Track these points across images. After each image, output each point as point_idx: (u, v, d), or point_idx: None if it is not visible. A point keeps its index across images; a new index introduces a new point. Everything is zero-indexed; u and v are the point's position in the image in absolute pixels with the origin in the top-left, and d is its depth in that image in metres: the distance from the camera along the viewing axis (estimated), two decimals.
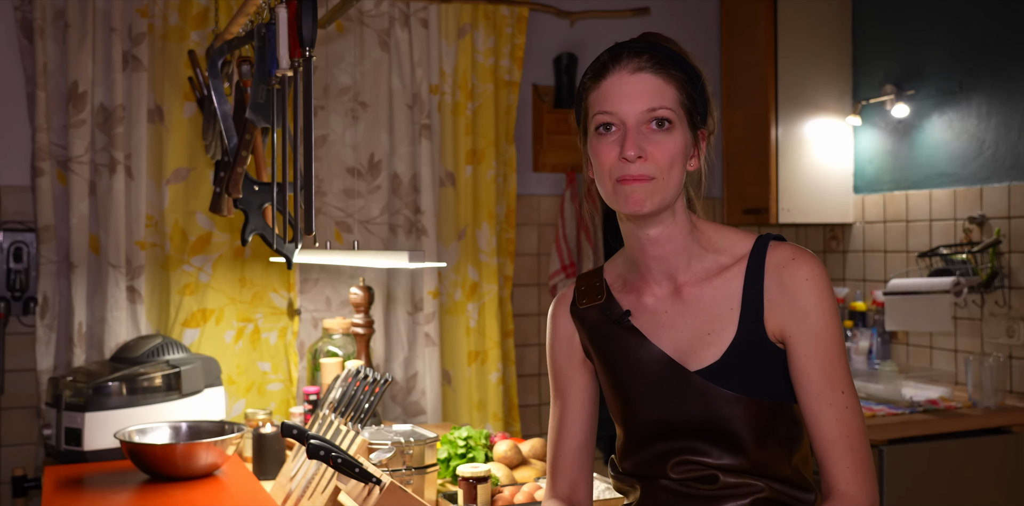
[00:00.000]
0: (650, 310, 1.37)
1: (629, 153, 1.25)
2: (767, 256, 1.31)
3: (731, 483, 1.30)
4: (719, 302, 1.32)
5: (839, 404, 1.27)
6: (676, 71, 1.29)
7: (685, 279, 1.35)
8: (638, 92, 1.27)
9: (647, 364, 1.34)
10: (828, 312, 1.28)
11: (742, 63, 3.68)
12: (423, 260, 1.86)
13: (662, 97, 1.27)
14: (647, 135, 1.27)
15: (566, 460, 1.47)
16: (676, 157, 1.28)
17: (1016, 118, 3.04)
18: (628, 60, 1.29)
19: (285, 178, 1.93)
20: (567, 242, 3.49)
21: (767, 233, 1.36)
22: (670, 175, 1.28)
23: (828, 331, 1.28)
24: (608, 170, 1.29)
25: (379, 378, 1.92)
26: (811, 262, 1.30)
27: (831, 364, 1.28)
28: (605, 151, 1.29)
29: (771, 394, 1.30)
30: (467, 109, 3.30)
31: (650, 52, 1.29)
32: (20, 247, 2.84)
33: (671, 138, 1.28)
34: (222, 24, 2.84)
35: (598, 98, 1.30)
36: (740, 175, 3.69)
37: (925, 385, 3.07)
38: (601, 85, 1.30)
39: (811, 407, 1.28)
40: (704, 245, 1.36)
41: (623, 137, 1.27)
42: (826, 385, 1.27)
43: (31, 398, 2.85)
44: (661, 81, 1.28)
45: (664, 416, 1.33)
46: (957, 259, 3.17)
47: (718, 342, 1.31)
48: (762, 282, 1.30)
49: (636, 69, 1.28)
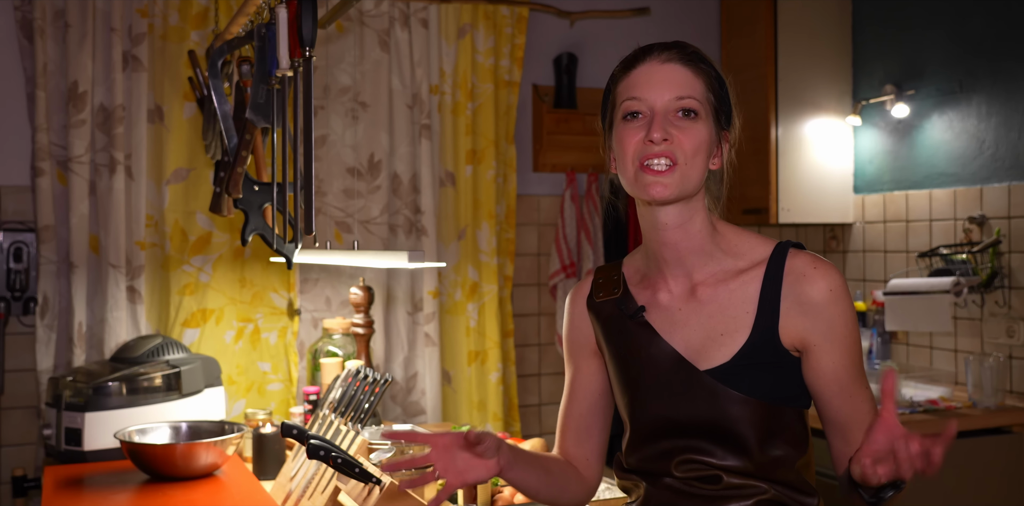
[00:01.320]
0: (664, 307, 1.37)
1: (655, 135, 1.27)
2: (786, 263, 1.32)
3: (735, 484, 1.31)
4: (734, 304, 1.33)
5: (869, 400, 1.33)
6: (705, 66, 1.33)
7: (701, 279, 1.36)
8: (668, 80, 1.30)
9: (658, 361, 1.35)
10: (852, 321, 1.32)
11: (742, 63, 3.68)
12: (423, 260, 1.86)
13: (691, 87, 1.30)
14: (673, 122, 1.29)
15: (571, 422, 1.49)
16: (700, 146, 1.30)
17: (1016, 118, 3.04)
18: (659, 52, 1.32)
19: (285, 178, 1.93)
20: (567, 242, 3.49)
21: (787, 240, 1.37)
22: (693, 162, 1.29)
23: (852, 337, 1.32)
24: (632, 153, 1.30)
25: (379, 378, 1.92)
26: (832, 273, 1.31)
27: (858, 367, 1.33)
28: (630, 135, 1.30)
29: (779, 398, 1.31)
30: (467, 109, 3.30)
31: (680, 48, 1.33)
32: (20, 247, 2.84)
33: (696, 127, 1.30)
34: (222, 24, 2.84)
35: (627, 86, 1.32)
36: (740, 175, 3.66)
37: (925, 385, 3.07)
38: (631, 74, 1.33)
39: (844, 408, 1.31)
40: (723, 247, 1.37)
41: (650, 122, 1.29)
42: (856, 386, 1.32)
43: (31, 398, 2.85)
44: (690, 73, 1.31)
45: (671, 413, 1.34)
46: (957, 259, 3.17)
47: (730, 343, 1.31)
48: (780, 289, 1.31)
49: (666, 59, 1.31)
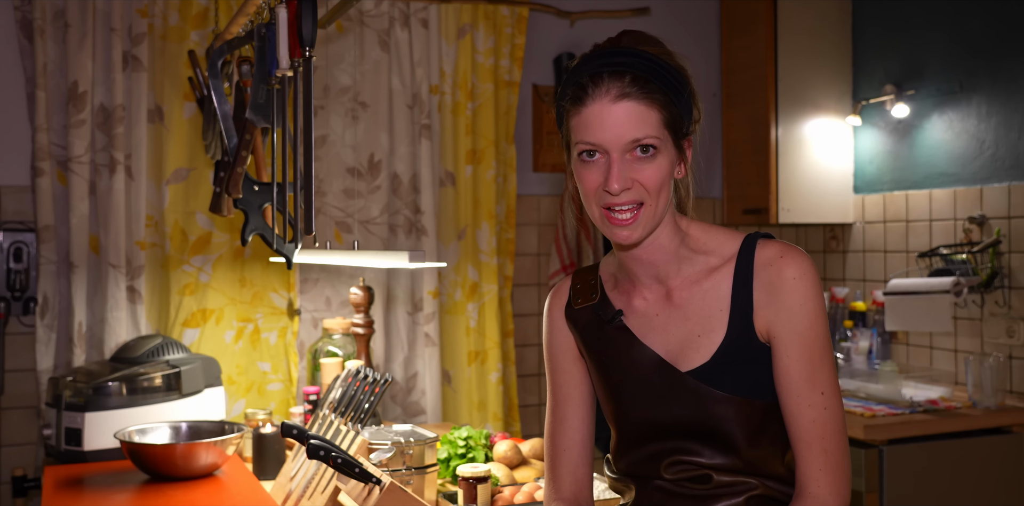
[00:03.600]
0: (640, 312, 1.37)
1: (614, 186, 1.24)
2: (755, 255, 1.30)
3: (725, 482, 1.30)
4: (709, 304, 1.32)
5: (817, 405, 1.26)
6: (659, 93, 1.24)
7: (675, 283, 1.35)
8: (621, 122, 1.23)
9: (639, 364, 1.34)
10: (813, 311, 1.27)
11: (742, 63, 3.68)
12: (423, 260, 1.86)
13: (646, 125, 1.23)
14: (631, 163, 1.25)
15: (568, 456, 1.46)
16: (664, 181, 1.26)
17: (1016, 118, 3.04)
18: (610, 84, 1.23)
19: (285, 178, 1.93)
20: (567, 242, 3.49)
21: (755, 232, 1.35)
22: (659, 198, 1.27)
23: (813, 331, 1.27)
24: (594, 196, 1.28)
25: (379, 378, 1.92)
26: (798, 260, 1.28)
27: (813, 365, 1.26)
28: (590, 178, 1.27)
29: (763, 394, 1.30)
30: (467, 109, 3.30)
31: (632, 71, 1.23)
32: (20, 247, 2.84)
33: (656, 164, 1.25)
34: (222, 24, 2.84)
35: (579, 125, 1.26)
36: (740, 175, 3.69)
37: (925, 385, 3.07)
38: (582, 112, 1.25)
39: (789, 407, 1.27)
40: (693, 248, 1.35)
41: (607, 167, 1.25)
42: (806, 386, 1.26)
43: (31, 398, 2.85)
44: (644, 107, 1.23)
45: (656, 416, 1.33)
46: (957, 259, 3.17)
47: (708, 344, 1.30)
48: (751, 282, 1.29)
49: (618, 96, 1.23)
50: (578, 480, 1.46)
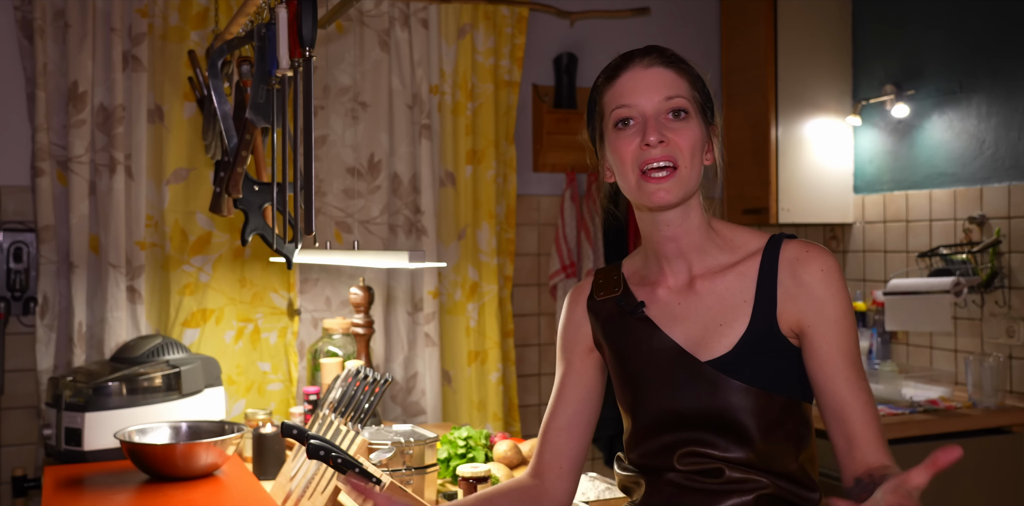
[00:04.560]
0: (663, 302, 1.39)
1: (651, 138, 1.29)
2: (781, 252, 1.34)
3: (736, 478, 1.31)
4: (732, 295, 1.34)
5: (866, 389, 1.30)
6: (687, 72, 1.35)
7: (699, 273, 1.38)
8: (654, 84, 1.32)
9: (659, 354, 1.36)
10: (845, 302, 1.31)
11: (742, 63, 3.68)
12: (423, 260, 1.86)
13: (677, 87, 1.32)
14: (666, 124, 1.31)
15: (556, 438, 1.47)
16: (696, 145, 1.32)
17: (1016, 118, 3.04)
18: (640, 58, 1.34)
19: (285, 178, 1.93)
20: (567, 242, 3.49)
21: (781, 232, 1.39)
22: (692, 163, 1.32)
23: (847, 320, 1.31)
24: (631, 161, 1.32)
25: (379, 378, 1.92)
26: (825, 255, 1.32)
27: (852, 351, 1.30)
28: (625, 143, 1.32)
29: (781, 389, 1.31)
30: (467, 109, 3.30)
31: (658, 52, 1.35)
32: (20, 247, 2.84)
33: (689, 126, 1.32)
34: (222, 24, 2.84)
35: (614, 95, 1.34)
36: (740, 175, 3.69)
37: (925, 385, 3.07)
38: (616, 83, 1.34)
39: (840, 392, 1.29)
40: (718, 243, 1.39)
41: (643, 127, 1.31)
42: (853, 371, 1.29)
43: (31, 398, 2.85)
44: (674, 73, 1.33)
45: (673, 406, 1.34)
46: (957, 259, 3.17)
47: (730, 333, 1.32)
48: (776, 277, 1.32)
49: (648, 64, 1.34)
50: (559, 463, 1.46)
